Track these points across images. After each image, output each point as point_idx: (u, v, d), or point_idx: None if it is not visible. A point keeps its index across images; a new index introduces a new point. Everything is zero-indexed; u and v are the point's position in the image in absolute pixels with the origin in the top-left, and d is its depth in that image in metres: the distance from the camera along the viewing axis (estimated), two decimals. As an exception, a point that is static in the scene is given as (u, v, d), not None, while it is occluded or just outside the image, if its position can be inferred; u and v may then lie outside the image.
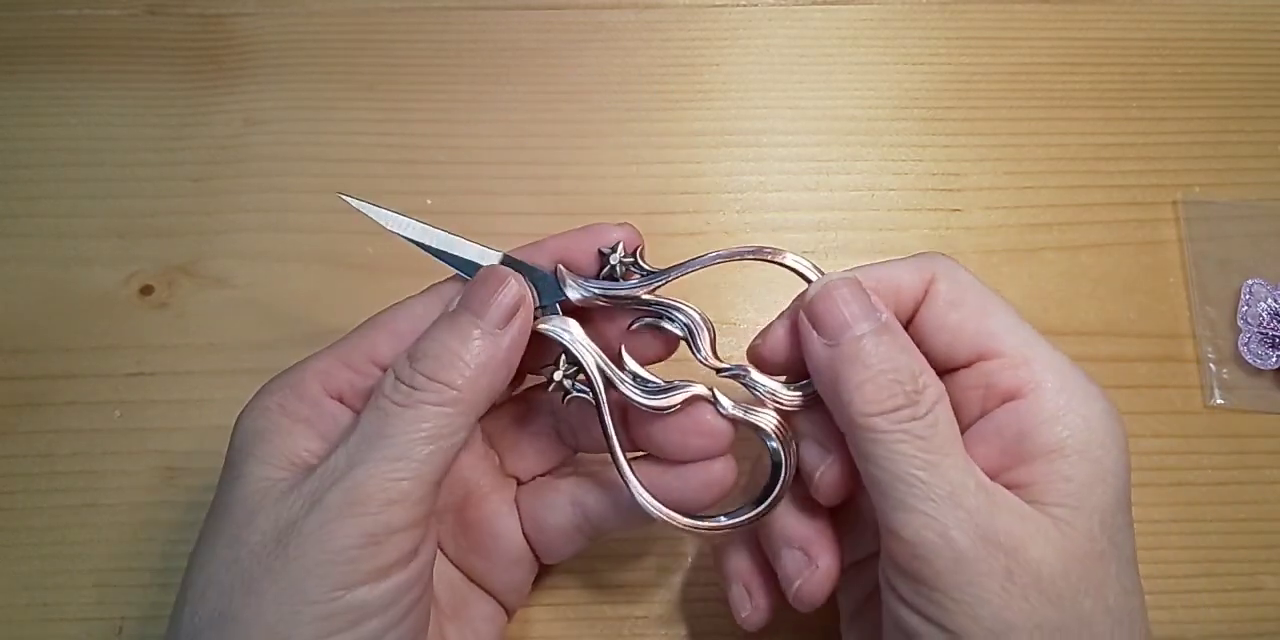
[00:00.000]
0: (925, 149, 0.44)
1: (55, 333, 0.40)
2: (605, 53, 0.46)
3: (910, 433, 0.25)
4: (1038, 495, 0.25)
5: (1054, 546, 0.24)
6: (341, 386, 0.28)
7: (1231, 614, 0.36)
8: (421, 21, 0.46)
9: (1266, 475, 0.38)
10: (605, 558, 0.36)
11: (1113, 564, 0.24)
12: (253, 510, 0.26)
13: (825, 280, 0.29)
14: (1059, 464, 0.25)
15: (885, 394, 0.26)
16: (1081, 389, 0.26)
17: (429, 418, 0.26)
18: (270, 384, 0.29)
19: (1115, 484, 0.25)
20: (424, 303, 0.30)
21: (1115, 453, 0.25)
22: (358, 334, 0.29)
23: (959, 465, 0.25)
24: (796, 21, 0.47)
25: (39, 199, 0.42)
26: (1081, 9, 0.47)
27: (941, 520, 0.24)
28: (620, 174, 0.43)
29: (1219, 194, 0.43)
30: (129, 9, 0.47)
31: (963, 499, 0.24)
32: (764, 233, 0.42)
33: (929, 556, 0.24)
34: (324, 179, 0.43)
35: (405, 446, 0.26)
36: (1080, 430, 0.25)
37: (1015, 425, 0.26)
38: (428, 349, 0.27)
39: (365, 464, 0.25)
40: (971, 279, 0.29)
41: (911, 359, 0.27)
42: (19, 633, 0.35)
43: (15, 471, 0.38)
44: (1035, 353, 0.27)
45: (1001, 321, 0.28)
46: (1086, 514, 0.24)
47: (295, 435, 0.27)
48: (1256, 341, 0.40)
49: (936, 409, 0.26)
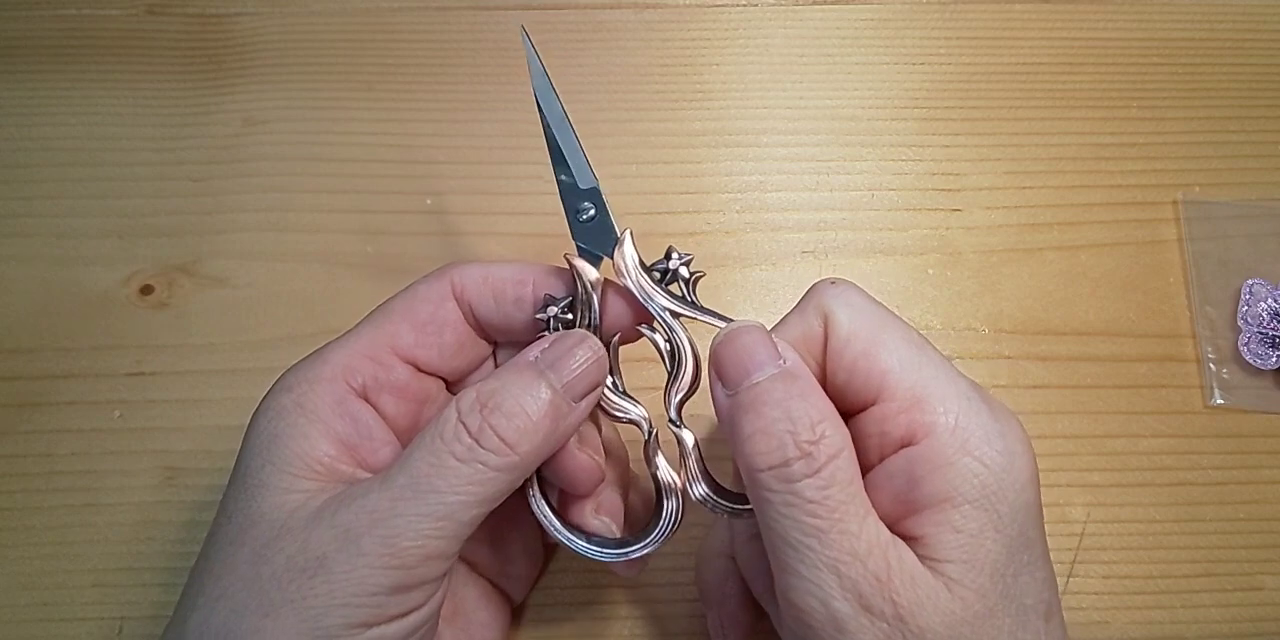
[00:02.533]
0: (925, 149, 0.44)
1: (55, 333, 0.40)
2: (605, 53, 0.46)
3: (799, 495, 0.24)
4: (929, 549, 0.24)
5: (941, 611, 0.23)
6: (365, 381, 0.28)
7: (1231, 614, 0.36)
8: (421, 21, 0.47)
9: (1266, 475, 0.38)
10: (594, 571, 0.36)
11: (1005, 618, 0.23)
12: (278, 529, 0.25)
13: (729, 328, 0.27)
14: (949, 514, 0.24)
15: (774, 445, 0.24)
16: (980, 427, 0.24)
17: (485, 482, 0.25)
18: (287, 378, 0.28)
19: (1011, 531, 0.24)
20: (435, 288, 0.29)
21: (1013, 494, 0.24)
22: (373, 324, 0.29)
23: (850, 528, 0.24)
24: (796, 21, 0.47)
25: (39, 199, 0.42)
26: (1081, 9, 0.47)
27: (824, 588, 0.23)
28: (620, 174, 0.43)
29: (1219, 194, 0.43)
30: (129, 9, 0.47)
31: (848, 567, 0.23)
32: (764, 233, 0.42)
33: (811, 623, 0.24)
34: (324, 179, 0.43)
35: (454, 507, 0.25)
36: (972, 477, 0.24)
37: (906, 473, 0.25)
38: (502, 402, 0.26)
39: (407, 517, 0.24)
40: (865, 306, 0.27)
41: (810, 407, 0.25)
42: (19, 633, 0.35)
43: (15, 471, 0.38)
44: (929, 391, 0.25)
45: (894, 357, 0.25)
46: (977, 568, 0.23)
47: (315, 438, 0.26)
48: (1256, 341, 0.40)
49: (833, 465, 0.24)
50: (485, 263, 0.31)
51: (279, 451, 0.26)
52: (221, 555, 0.25)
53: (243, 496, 0.26)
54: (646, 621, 0.36)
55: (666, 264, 0.29)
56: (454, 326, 0.30)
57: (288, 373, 0.28)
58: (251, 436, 0.27)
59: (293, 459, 0.26)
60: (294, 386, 0.27)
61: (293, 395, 0.27)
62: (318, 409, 0.27)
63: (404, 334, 0.28)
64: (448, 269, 0.30)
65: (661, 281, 0.29)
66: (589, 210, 0.30)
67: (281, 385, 0.28)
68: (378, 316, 0.29)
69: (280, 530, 0.25)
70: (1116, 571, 0.37)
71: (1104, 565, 0.37)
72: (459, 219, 0.42)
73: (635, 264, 0.29)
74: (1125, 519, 0.38)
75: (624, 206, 0.42)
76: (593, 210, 0.30)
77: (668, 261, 0.29)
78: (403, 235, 0.42)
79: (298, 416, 0.26)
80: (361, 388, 0.28)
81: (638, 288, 0.29)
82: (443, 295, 0.29)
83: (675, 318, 0.29)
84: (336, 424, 0.27)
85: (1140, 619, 0.36)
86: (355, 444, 0.27)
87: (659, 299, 0.29)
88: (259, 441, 0.27)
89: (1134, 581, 0.37)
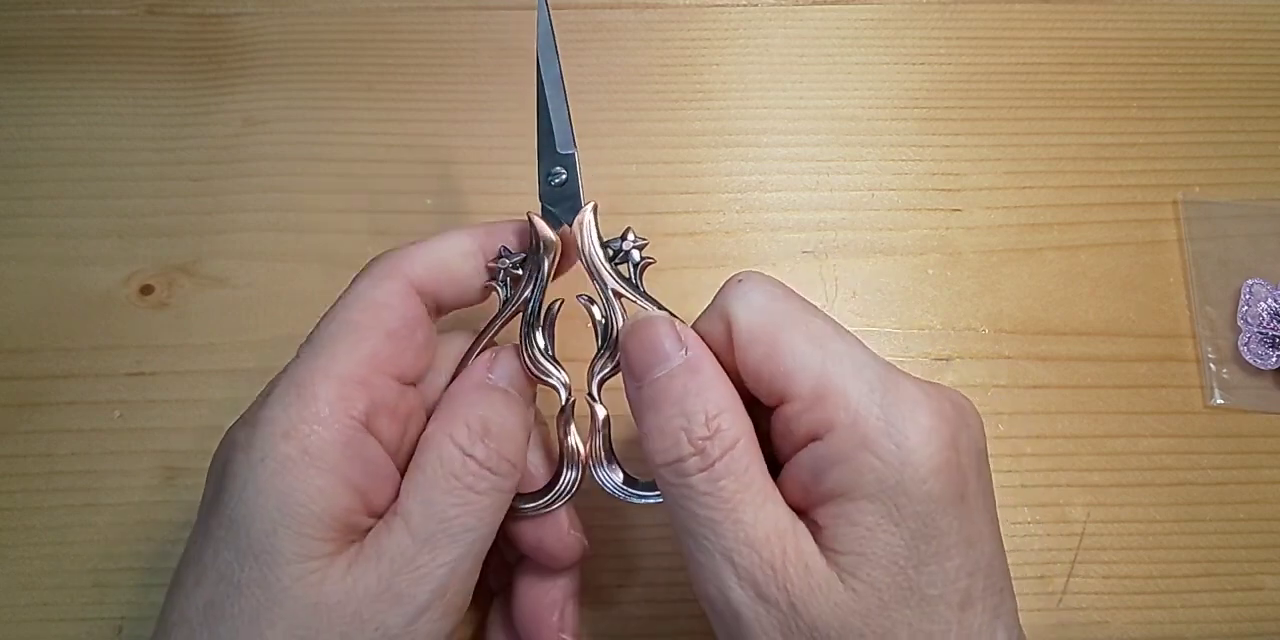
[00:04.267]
0: (925, 149, 0.44)
1: (55, 333, 0.40)
2: (605, 53, 0.46)
3: (693, 488, 0.24)
4: (829, 540, 0.24)
5: (833, 602, 0.23)
6: (365, 408, 0.25)
7: (1231, 614, 0.36)
8: (421, 21, 0.46)
9: (1266, 475, 0.38)
10: (605, 557, 0.36)
11: (905, 609, 0.23)
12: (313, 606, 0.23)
13: (634, 319, 0.28)
14: (847, 508, 0.24)
15: (670, 442, 0.25)
16: (879, 421, 0.24)
17: (502, 505, 0.26)
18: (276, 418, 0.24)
19: (912, 523, 0.23)
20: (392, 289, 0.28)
21: (914, 486, 0.23)
22: (348, 343, 0.26)
23: (744, 518, 0.24)
24: (796, 21, 0.47)
25: (39, 199, 0.42)
26: (1081, 9, 0.47)
27: (721, 577, 0.24)
28: (620, 174, 0.43)
29: (1219, 194, 0.43)
30: (129, 9, 0.47)
31: (742, 556, 0.24)
32: (764, 233, 0.42)
33: (713, 608, 0.25)
34: (323, 179, 0.43)
35: (485, 537, 0.26)
36: (868, 471, 0.24)
37: (810, 468, 0.25)
38: (497, 428, 0.26)
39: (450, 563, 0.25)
40: (765, 305, 0.26)
41: (707, 402, 0.25)
42: (19, 633, 0.35)
43: (15, 471, 0.38)
44: (830, 389, 0.24)
45: (794, 358, 0.25)
46: (872, 561, 0.23)
47: (332, 493, 0.24)
48: (1256, 341, 0.40)
49: (728, 457, 0.24)
50: (422, 244, 0.29)
51: (293, 513, 0.23)
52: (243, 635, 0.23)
53: (253, 566, 0.23)
54: (647, 620, 0.36)
55: (620, 244, 0.30)
56: (423, 324, 0.28)
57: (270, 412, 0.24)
58: (250, 493, 0.24)
59: (310, 520, 0.23)
60: (293, 431, 0.24)
61: (295, 442, 0.24)
62: (327, 455, 0.24)
63: (383, 348, 0.26)
64: (392, 264, 0.28)
65: (613, 260, 0.30)
66: (560, 175, 0.30)
67: (272, 428, 0.24)
68: (348, 335, 0.26)
69: (317, 608, 0.23)
70: (1116, 571, 0.37)
71: (1104, 565, 0.37)
72: (459, 219, 0.42)
73: (592, 238, 0.29)
74: (1125, 519, 0.38)
75: (624, 206, 0.42)
76: (564, 176, 0.30)
77: (622, 242, 0.30)
78: (403, 235, 0.41)
79: (307, 468, 0.24)
80: (364, 417, 0.25)
81: (588, 261, 0.29)
82: (403, 295, 0.28)
83: (617, 298, 0.29)
84: (349, 470, 0.24)
85: (1140, 619, 0.36)
86: (367, 489, 0.25)
87: (606, 276, 0.29)
88: (263, 501, 0.23)
89: (1134, 581, 0.37)
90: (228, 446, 0.25)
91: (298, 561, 0.23)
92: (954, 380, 0.40)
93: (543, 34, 0.30)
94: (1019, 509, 0.38)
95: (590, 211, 0.30)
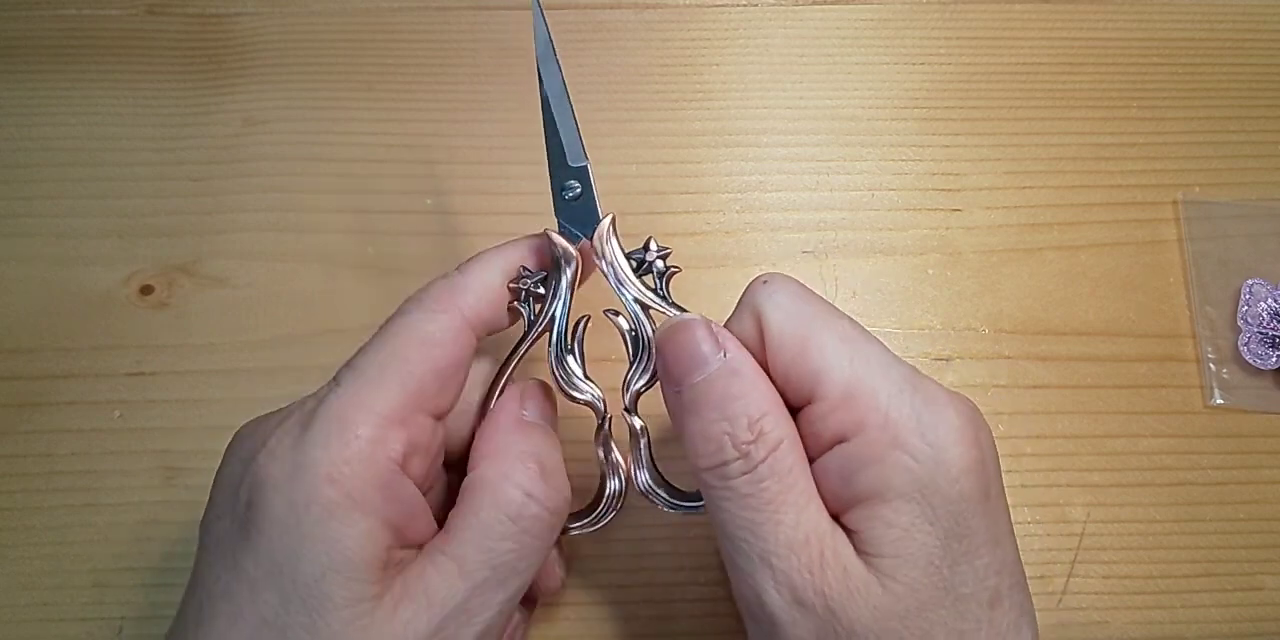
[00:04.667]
0: (925, 149, 0.44)
1: (55, 333, 0.40)
2: (605, 53, 0.46)
3: (735, 491, 0.24)
4: (864, 543, 0.24)
5: (872, 605, 0.23)
6: (403, 449, 0.25)
7: (1231, 614, 0.36)
8: (421, 21, 0.46)
9: (1266, 475, 0.38)
10: (605, 557, 0.36)
11: (941, 609, 0.23)
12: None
13: (669, 322, 0.27)
14: (881, 510, 0.24)
15: (713, 447, 0.25)
16: (910, 420, 0.24)
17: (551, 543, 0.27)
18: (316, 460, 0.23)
19: (945, 522, 0.24)
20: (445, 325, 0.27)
21: (946, 485, 0.24)
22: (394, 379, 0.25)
23: (785, 519, 0.24)
24: (796, 21, 0.47)
25: (39, 199, 0.42)
26: (1081, 9, 0.47)
27: (759, 580, 0.24)
28: (620, 174, 0.43)
29: (1219, 194, 0.43)
30: (129, 9, 0.47)
31: (780, 559, 0.24)
32: (764, 233, 0.42)
33: (750, 613, 0.25)
34: (323, 179, 0.43)
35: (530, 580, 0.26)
36: (903, 471, 0.24)
37: (841, 469, 0.25)
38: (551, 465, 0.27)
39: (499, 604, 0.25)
40: (794, 306, 0.26)
41: (749, 404, 0.25)
42: (19, 633, 0.35)
43: (15, 471, 0.38)
44: (860, 388, 0.24)
45: (824, 358, 0.25)
46: (910, 562, 0.23)
47: (374, 536, 0.24)
48: (1256, 341, 0.40)
49: (772, 458, 0.24)
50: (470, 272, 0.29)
51: (342, 559, 0.23)
52: None
53: (300, 611, 0.23)
54: (647, 621, 0.36)
55: (644, 255, 0.30)
56: (469, 360, 0.28)
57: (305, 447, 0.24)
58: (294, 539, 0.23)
59: (359, 565, 0.23)
60: (336, 475, 0.23)
61: (339, 487, 0.23)
62: (369, 499, 0.24)
63: (429, 386, 0.26)
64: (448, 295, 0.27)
65: (637, 271, 0.29)
66: (575, 188, 0.30)
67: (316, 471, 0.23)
68: (394, 368, 0.25)
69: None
70: (1116, 571, 0.37)
71: (1104, 565, 0.37)
72: (459, 219, 0.42)
73: (614, 249, 0.29)
74: (1125, 519, 0.38)
75: (624, 206, 0.42)
76: (579, 189, 0.30)
77: (645, 253, 0.30)
78: (403, 235, 0.42)
79: (353, 512, 0.23)
80: (401, 458, 0.25)
81: (612, 274, 0.29)
82: (457, 331, 0.27)
83: (644, 309, 0.29)
84: (389, 512, 0.24)
85: (1140, 619, 0.36)
86: (404, 526, 0.25)
87: (631, 288, 0.29)
88: (310, 547, 0.23)
89: (1134, 581, 0.37)
90: (257, 480, 0.24)
91: (347, 606, 0.23)
92: (954, 380, 0.40)
93: (541, 44, 0.30)
94: (1019, 509, 0.38)
95: (610, 223, 0.29)
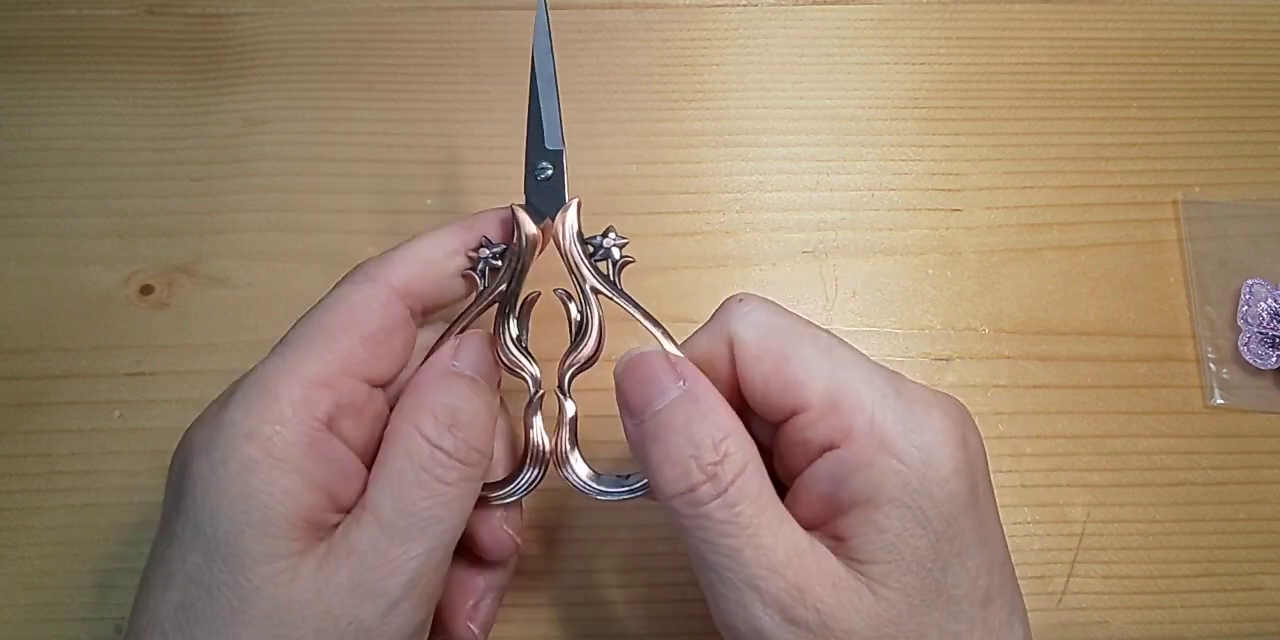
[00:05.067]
0: (925, 149, 0.44)
1: (55, 333, 0.40)
2: (605, 53, 0.46)
3: (710, 518, 0.24)
4: (854, 551, 0.24)
5: (865, 614, 0.23)
6: (329, 410, 0.25)
7: (1231, 614, 0.36)
8: (421, 21, 0.46)
9: (1266, 475, 0.38)
10: (605, 556, 0.36)
11: (935, 612, 0.24)
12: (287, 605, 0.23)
13: (626, 356, 0.27)
14: (873, 515, 0.24)
15: (680, 471, 0.24)
16: (897, 424, 0.24)
17: (472, 494, 0.26)
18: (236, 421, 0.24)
19: (936, 525, 0.24)
20: (372, 293, 0.27)
21: (936, 487, 0.24)
22: (319, 345, 0.26)
23: (764, 542, 0.24)
24: (796, 21, 0.47)
25: (39, 199, 0.42)
26: (1081, 9, 0.47)
27: (746, 607, 0.24)
28: (620, 174, 0.43)
29: (1219, 194, 0.43)
30: (129, 9, 0.47)
31: (766, 582, 0.23)
32: (764, 233, 0.42)
33: (737, 637, 0.24)
34: (324, 179, 0.43)
35: (454, 530, 0.25)
36: (892, 475, 0.24)
37: (830, 476, 0.24)
38: (465, 417, 0.26)
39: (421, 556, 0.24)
40: (768, 322, 0.26)
41: (711, 426, 0.25)
42: (19, 633, 0.35)
43: (15, 471, 0.38)
44: (843, 395, 0.25)
45: (804, 370, 0.25)
46: (903, 567, 0.23)
47: (298, 493, 0.24)
48: (1256, 341, 0.40)
49: (740, 480, 0.24)
50: (404, 246, 0.29)
51: (259, 514, 0.23)
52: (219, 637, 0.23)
53: (222, 569, 0.23)
54: (647, 621, 0.36)
55: (601, 241, 0.30)
56: (403, 329, 0.28)
57: (232, 415, 0.24)
58: (213, 496, 0.24)
59: (277, 520, 0.23)
60: (255, 432, 0.24)
61: (257, 444, 0.24)
62: (291, 456, 0.24)
63: (356, 351, 0.26)
64: (374, 268, 0.28)
65: (592, 256, 0.30)
66: (547, 170, 0.30)
67: (234, 430, 0.24)
68: (320, 337, 0.26)
69: (290, 606, 0.23)
70: (1116, 571, 0.37)
71: (1104, 565, 0.37)
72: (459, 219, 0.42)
73: (573, 233, 0.30)
74: (1125, 519, 0.38)
75: (624, 206, 0.42)
76: (550, 171, 0.30)
77: (603, 239, 0.30)
78: (403, 235, 0.41)
79: (271, 469, 0.24)
80: (327, 419, 0.25)
81: (569, 257, 0.30)
82: (384, 300, 0.28)
83: (595, 294, 0.29)
84: (314, 470, 0.24)
85: (1140, 619, 0.36)
86: (333, 487, 0.25)
87: (585, 272, 0.29)
88: (228, 504, 0.23)
89: (1134, 581, 0.37)
90: (186, 448, 0.25)
91: (266, 562, 0.23)
92: (954, 380, 0.40)
93: (539, 31, 0.31)
94: (1019, 509, 0.38)
95: (574, 207, 0.30)
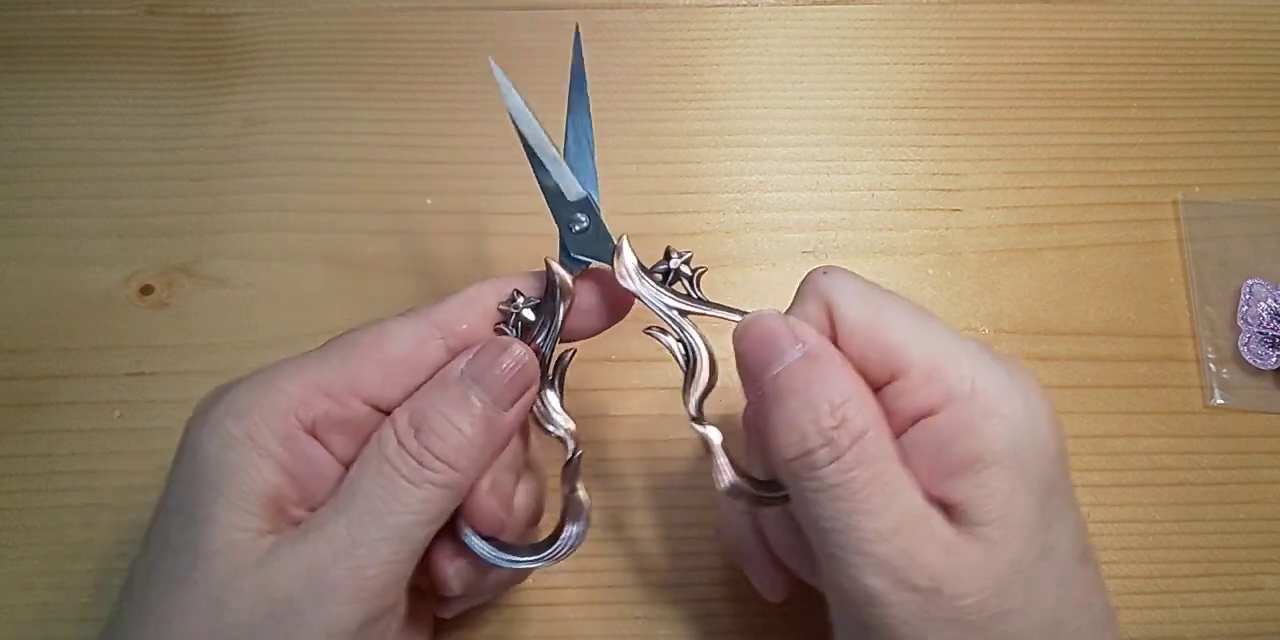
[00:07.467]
0: (925, 149, 0.44)
1: (55, 333, 0.40)
2: (605, 53, 0.46)
3: (823, 481, 0.24)
4: (965, 514, 0.24)
5: (979, 575, 0.23)
6: (316, 417, 0.26)
7: (1231, 614, 0.36)
8: (421, 21, 0.47)
9: (1266, 475, 0.38)
10: (605, 556, 0.36)
11: (1046, 568, 0.24)
12: (234, 571, 0.24)
13: (744, 321, 0.27)
14: (980, 477, 0.24)
15: (797, 435, 0.24)
16: (998, 388, 0.24)
17: (434, 499, 0.25)
18: (236, 400, 0.26)
19: (1040, 484, 0.24)
20: (413, 330, 0.28)
21: (1038, 448, 0.24)
22: (337, 357, 0.27)
23: (876, 507, 0.24)
24: (796, 21, 0.47)
25: (39, 199, 0.42)
26: (1081, 9, 0.47)
27: (858, 568, 0.24)
28: (620, 174, 0.43)
29: (1219, 194, 0.43)
30: (129, 9, 0.47)
31: (875, 546, 0.23)
32: (764, 233, 0.42)
33: (850, 599, 0.24)
34: (324, 179, 0.43)
35: (410, 527, 0.25)
36: (996, 437, 0.24)
37: (933, 442, 0.25)
38: (434, 423, 0.26)
39: (369, 544, 0.24)
40: (862, 289, 0.27)
41: (831, 390, 0.25)
42: (19, 633, 0.35)
43: (15, 471, 0.38)
44: (942, 360, 0.25)
45: (901, 335, 0.25)
46: (1014, 526, 0.24)
47: (266, 474, 0.25)
48: (1256, 341, 0.40)
49: (858, 446, 0.24)
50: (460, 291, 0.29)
51: (232, 484, 0.25)
52: (168, 595, 0.24)
53: (189, 528, 0.25)
54: (647, 621, 0.36)
55: (667, 264, 0.29)
56: (427, 363, 0.28)
57: (236, 393, 0.26)
58: (198, 462, 0.25)
59: (247, 494, 0.25)
60: (245, 415, 0.25)
61: (243, 425, 0.25)
62: (268, 444, 0.25)
63: (368, 375, 0.27)
64: (424, 307, 0.28)
65: (665, 282, 0.29)
66: (581, 222, 0.30)
67: (229, 408, 0.26)
68: (343, 350, 0.27)
69: (236, 570, 0.24)
70: (1116, 571, 0.37)
71: (1104, 565, 0.36)
72: (459, 219, 0.42)
73: (635, 268, 0.29)
74: (1125, 519, 0.38)
75: (624, 206, 0.42)
76: (585, 221, 0.29)
77: (668, 262, 0.29)
78: (403, 235, 0.42)
79: (249, 449, 0.25)
80: (310, 424, 0.26)
81: (641, 294, 0.29)
82: (421, 334, 0.27)
83: (684, 316, 0.29)
84: (289, 462, 0.25)
85: (1140, 619, 0.36)
86: (308, 484, 0.26)
87: (666, 300, 0.29)
88: (208, 470, 0.25)
89: (1134, 581, 0.37)
90: (192, 415, 0.27)
91: (230, 530, 0.24)
92: (954, 380, 0.40)
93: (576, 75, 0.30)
94: (1019, 509, 0.38)
95: (626, 246, 0.29)
